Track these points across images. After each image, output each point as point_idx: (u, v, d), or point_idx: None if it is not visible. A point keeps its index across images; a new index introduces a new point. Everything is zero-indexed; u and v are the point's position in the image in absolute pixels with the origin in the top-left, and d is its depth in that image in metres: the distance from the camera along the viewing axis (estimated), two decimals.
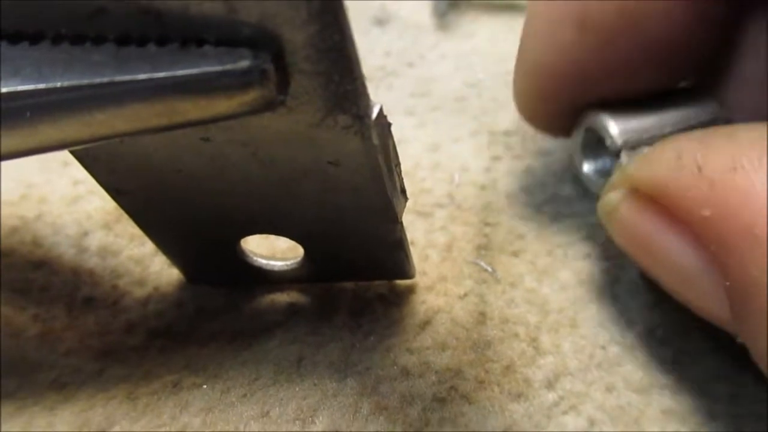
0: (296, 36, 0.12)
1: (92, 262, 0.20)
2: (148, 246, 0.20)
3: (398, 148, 0.16)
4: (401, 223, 0.17)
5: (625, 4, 0.18)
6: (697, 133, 0.17)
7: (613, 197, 0.19)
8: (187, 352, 0.18)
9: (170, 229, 0.19)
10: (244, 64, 0.12)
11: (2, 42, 0.12)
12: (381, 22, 0.31)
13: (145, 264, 0.20)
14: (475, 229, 0.22)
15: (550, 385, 0.18)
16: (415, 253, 0.20)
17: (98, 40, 0.12)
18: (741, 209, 0.15)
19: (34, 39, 0.12)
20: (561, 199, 0.23)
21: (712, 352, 0.19)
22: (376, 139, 0.14)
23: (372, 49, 0.29)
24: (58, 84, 0.12)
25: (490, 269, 0.21)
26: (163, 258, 0.20)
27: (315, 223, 0.17)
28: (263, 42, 0.12)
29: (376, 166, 0.15)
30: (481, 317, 0.19)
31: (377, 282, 0.20)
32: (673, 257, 0.17)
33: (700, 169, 0.15)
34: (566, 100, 0.20)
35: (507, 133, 0.26)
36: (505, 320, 0.19)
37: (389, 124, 0.15)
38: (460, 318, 0.19)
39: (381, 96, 0.29)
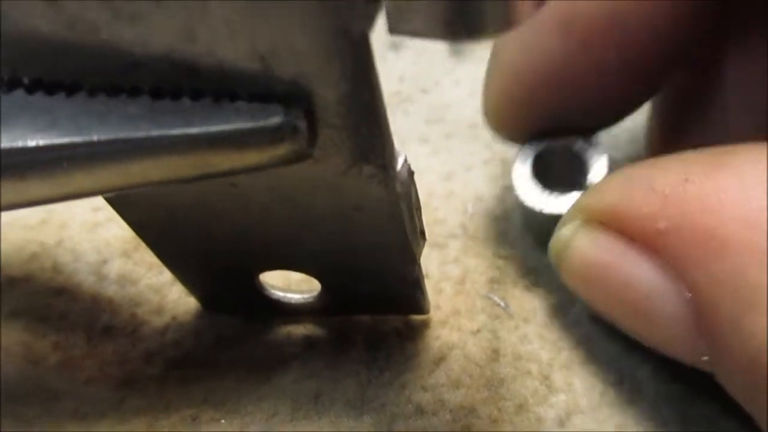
0: (328, 93, 0.12)
1: (111, 289, 0.20)
2: (166, 274, 0.21)
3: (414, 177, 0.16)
4: (419, 263, 0.17)
5: (614, 8, 0.18)
6: (646, 161, 0.17)
7: (565, 232, 0.18)
8: (205, 383, 0.18)
9: (189, 261, 0.19)
10: (277, 120, 0.12)
11: (40, 92, 0.12)
12: (396, 46, 0.32)
13: (164, 292, 0.20)
14: (488, 262, 0.22)
15: (561, 423, 0.18)
16: (429, 286, 0.20)
17: (133, 92, 0.12)
18: (697, 216, 0.15)
19: (71, 90, 0.12)
20: None
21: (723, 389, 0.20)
22: (400, 188, 0.14)
23: (387, 74, 0.30)
24: (95, 138, 0.12)
25: (503, 304, 0.21)
26: (180, 286, 0.20)
27: (333, 260, 0.18)
28: (295, 98, 0.12)
29: (399, 212, 0.15)
30: (495, 354, 0.19)
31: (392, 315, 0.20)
32: (632, 282, 0.16)
33: (651, 186, 0.16)
34: (541, 106, 0.20)
35: None
36: (518, 357, 0.19)
37: (412, 172, 0.15)
38: (474, 354, 0.19)
39: (396, 122, 0.30)
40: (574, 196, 0.20)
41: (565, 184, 0.20)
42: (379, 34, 0.11)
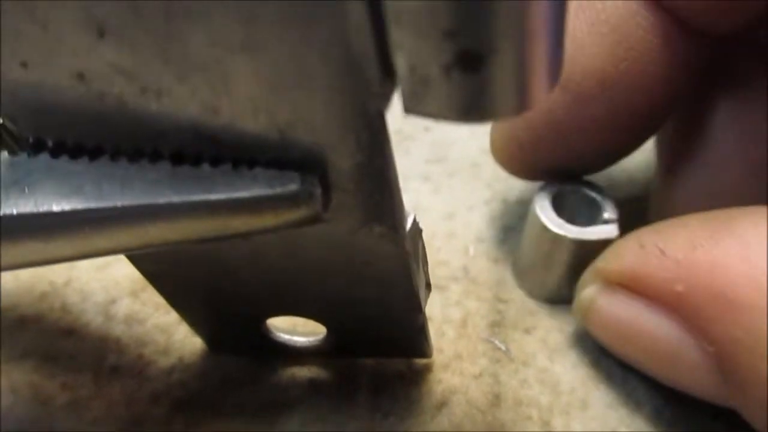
0: (343, 162, 0.13)
1: (119, 330, 0.21)
2: (173, 314, 0.21)
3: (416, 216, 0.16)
4: (424, 311, 0.18)
5: (605, 74, 0.19)
6: (653, 225, 0.19)
7: (587, 293, 0.20)
8: (211, 426, 0.19)
9: (197, 305, 0.19)
10: (294, 188, 0.13)
11: (64, 156, 0.13)
12: None
13: (170, 332, 0.21)
14: (488, 305, 0.23)
15: None
16: (432, 329, 0.21)
17: (154, 157, 0.13)
18: (709, 279, 0.16)
19: (94, 154, 0.13)
20: None
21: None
22: (409, 246, 0.15)
23: (389, 111, 0.30)
24: (118, 204, 0.12)
25: (503, 348, 0.21)
26: (187, 326, 0.21)
27: (340, 308, 0.18)
28: (311, 164, 0.13)
29: (408, 268, 0.15)
30: (496, 399, 0.20)
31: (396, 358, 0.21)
32: (655, 337, 0.18)
33: (663, 252, 0.17)
34: (543, 149, 0.21)
35: (520, 203, 0.27)
36: (518, 402, 0.20)
37: (420, 230, 0.15)
38: (476, 399, 0.20)
39: (398, 160, 0.30)
40: (598, 228, 0.21)
41: (577, 223, 0.21)
42: None
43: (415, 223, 0.15)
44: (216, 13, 0.10)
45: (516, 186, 0.27)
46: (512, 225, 0.26)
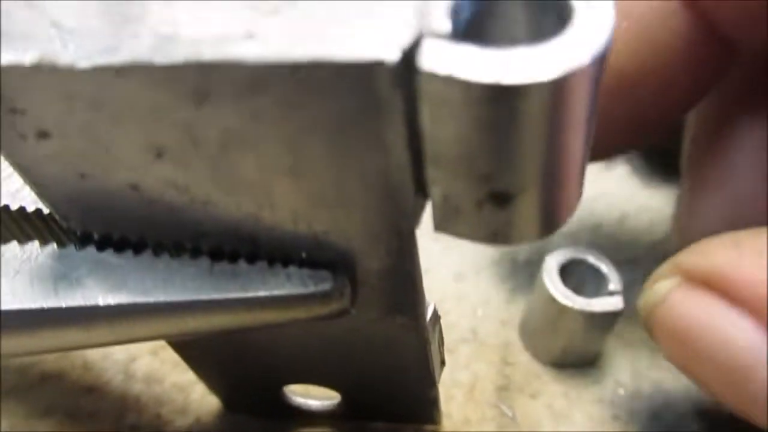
0: (372, 264, 0.13)
1: (138, 388, 0.21)
2: (191, 373, 0.22)
3: (425, 277, 0.16)
4: (437, 386, 0.18)
5: (624, 72, 0.19)
6: (752, 230, 0.18)
7: (661, 288, 0.18)
8: None
9: (216, 370, 0.20)
10: (326, 287, 0.13)
11: (109, 249, 0.14)
12: None
13: (188, 392, 0.21)
14: (496, 368, 0.23)
15: None
16: (441, 392, 0.21)
17: (195, 253, 0.14)
18: None
19: (138, 248, 0.14)
20: None
21: None
22: (429, 334, 0.16)
23: None
24: (159, 299, 0.13)
25: (510, 414, 0.22)
26: (203, 386, 0.21)
27: (356, 380, 0.19)
28: (342, 265, 0.13)
29: (425, 351, 0.16)
30: None
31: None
32: (735, 348, 0.16)
33: (763, 253, 0.16)
34: None
35: (527, 264, 0.27)
36: None
37: (439, 317, 0.16)
38: None
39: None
40: (602, 300, 0.22)
41: (583, 293, 0.22)
42: None
43: (434, 312, 0.16)
44: (267, 145, 0.11)
45: (524, 247, 0.28)
46: (520, 286, 0.26)
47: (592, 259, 0.23)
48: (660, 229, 0.30)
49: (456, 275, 0.27)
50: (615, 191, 0.31)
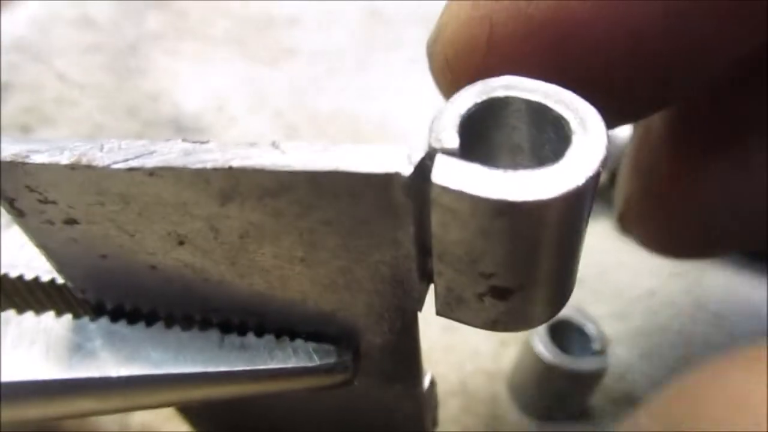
0: (375, 339, 0.14)
1: None
2: (185, 426, 0.22)
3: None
4: None
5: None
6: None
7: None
8: None
9: (213, 426, 0.20)
10: (331, 361, 0.14)
11: (122, 321, 0.14)
12: None
13: None
14: (484, 422, 0.24)
15: None
16: None
17: (204, 325, 0.14)
18: None
19: (149, 320, 0.14)
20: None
21: None
22: (425, 400, 0.16)
23: None
24: (171, 371, 0.14)
25: None
26: None
27: None
28: (346, 339, 0.14)
29: (420, 416, 0.17)
30: None
31: None
32: None
33: None
34: None
35: None
36: None
37: (435, 384, 0.17)
38: None
39: None
40: (587, 359, 0.23)
41: (570, 352, 0.23)
42: None
43: (431, 381, 0.16)
44: (284, 239, 0.11)
45: None
46: (507, 339, 0.27)
47: (577, 318, 0.24)
48: (642, 283, 0.31)
49: (445, 327, 0.27)
50: (596, 246, 0.32)
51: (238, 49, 0.38)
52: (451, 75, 0.15)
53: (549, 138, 0.11)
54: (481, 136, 0.11)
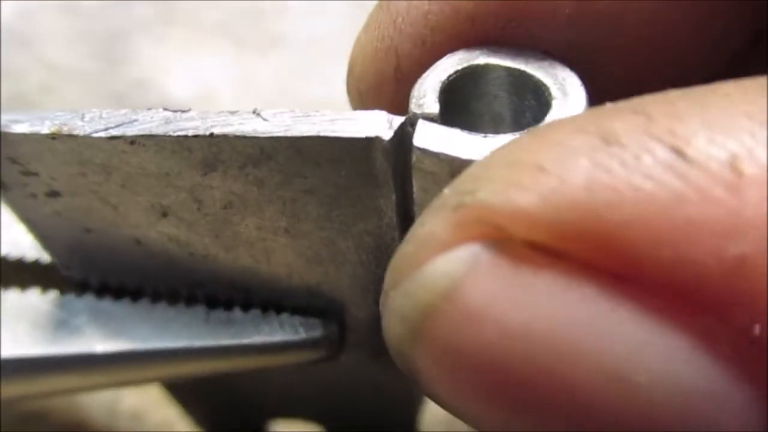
0: (360, 312, 0.14)
1: (123, 425, 0.21)
2: (175, 410, 0.22)
3: None
4: (417, 423, 0.19)
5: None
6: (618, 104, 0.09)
7: (443, 269, 0.09)
8: None
9: (201, 404, 0.20)
10: (317, 334, 0.14)
11: (108, 297, 0.14)
12: None
13: (173, 428, 0.22)
14: None
15: None
16: (423, 422, 0.22)
17: (190, 301, 0.14)
18: None
19: (135, 296, 0.14)
20: None
21: None
22: None
23: None
24: (156, 346, 0.14)
25: None
26: (188, 422, 0.21)
27: (341, 418, 0.19)
28: (332, 313, 0.14)
29: (408, 388, 0.17)
30: None
31: None
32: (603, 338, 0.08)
33: (681, 152, 0.08)
34: None
35: None
36: None
37: None
38: None
39: None
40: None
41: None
42: None
43: None
44: (267, 209, 0.11)
45: None
46: None
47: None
48: None
49: None
50: None
51: (226, 37, 0.38)
52: (366, 108, 0.12)
53: (530, 105, 0.11)
54: (462, 106, 0.11)
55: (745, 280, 0.07)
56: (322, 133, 0.10)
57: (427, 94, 0.10)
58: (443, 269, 0.08)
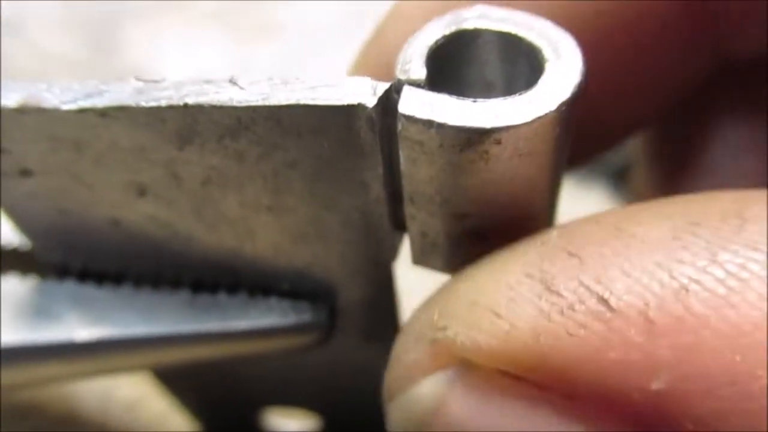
0: (351, 295, 0.14)
1: (118, 415, 0.21)
2: (170, 401, 0.21)
3: (403, 300, 0.15)
4: None
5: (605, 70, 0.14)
6: (533, 243, 0.10)
7: (427, 390, 0.11)
8: None
9: (194, 394, 0.20)
10: (305, 318, 0.13)
11: (90, 282, 0.14)
12: None
13: (167, 419, 0.21)
14: None
15: None
16: None
17: (175, 284, 0.14)
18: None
19: (118, 280, 0.14)
20: None
21: None
22: None
23: None
24: (139, 332, 0.13)
25: None
26: (183, 414, 0.21)
27: (335, 405, 0.19)
28: (322, 296, 0.14)
29: None
30: None
31: None
32: None
33: (606, 302, 0.09)
34: None
35: None
36: None
37: None
38: None
39: None
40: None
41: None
42: None
43: None
44: (249, 185, 0.11)
45: None
46: None
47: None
48: None
49: None
50: (593, 210, 0.31)
51: (221, 24, 0.38)
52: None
53: (522, 71, 0.10)
54: (452, 75, 0.11)
55: (665, 406, 0.09)
56: (301, 101, 0.09)
57: (413, 59, 0.10)
58: (428, 390, 0.11)
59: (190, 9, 0.38)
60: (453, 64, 0.11)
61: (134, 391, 0.22)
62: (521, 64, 0.10)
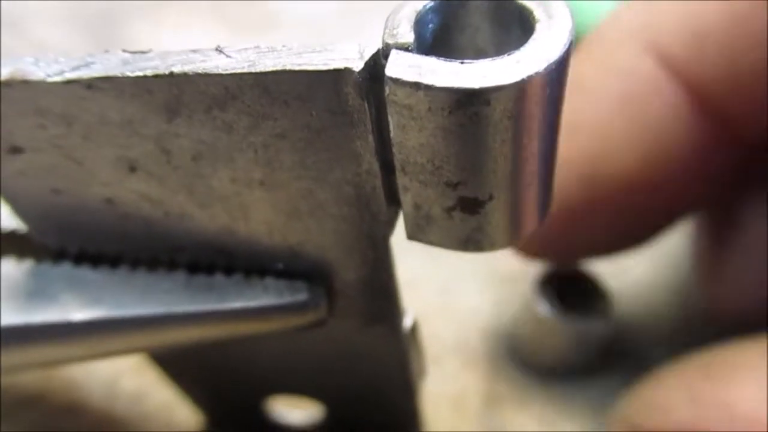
0: (348, 274, 0.13)
1: (122, 406, 0.21)
2: (175, 391, 0.21)
3: (409, 290, 0.16)
4: (417, 398, 0.18)
5: (633, 179, 0.18)
6: (694, 362, 0.16)
7: None
8: None
9: (196, 382, 0.20)
10: (302, 298, 0.13)
11: (86, 265, 0.14)
12: None
13: (172, 410, 0.21)
14: (483, 379, 0.23)
15: None
16: (428, 405, 0.21)
17: (171, 266, 0.14)
18: None
19: (114, 263, 0.14)
20: None
21: None
22: (407, 342, 0.16)
23: None
24: (135, 313, 0.13)
25: (498, 425, 0.22)
26: (188, 404, 0.21)
27: (338, 391, 0.19)
28: (318, 275, 0.13)
29: (405, 361, 0.16)
30: None
31: None
32: None
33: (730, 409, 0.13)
34: (551, 235, 0.20)
35: (514, 275, 0.28)
36: None
37: (418, 326, 0.16)
38: None
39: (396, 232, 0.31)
40: (592, 316, 0.21)
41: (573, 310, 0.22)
42: None
43: (414, 321, 0.16)
44: (239, 158, 0.11)
45: (509, 260, 0.28)
46: (506, 298, 0.26)
47: (579, 273, 0.23)
48: None
49: (441, 287, 0.27)
50: None
51: (220, 18, 0.38)
52: None
53: (515, 36, 0.10)
54: (442, 42, 0.11)
55: None
56: (287, 67, 0.09)
57: (401, 23, 0.10)
58: None
59: (190, 4, 0.38)
60: (443, 30, 0.10)
61: (139, 382, 0.22)
62: (514, 29, 0.10)
